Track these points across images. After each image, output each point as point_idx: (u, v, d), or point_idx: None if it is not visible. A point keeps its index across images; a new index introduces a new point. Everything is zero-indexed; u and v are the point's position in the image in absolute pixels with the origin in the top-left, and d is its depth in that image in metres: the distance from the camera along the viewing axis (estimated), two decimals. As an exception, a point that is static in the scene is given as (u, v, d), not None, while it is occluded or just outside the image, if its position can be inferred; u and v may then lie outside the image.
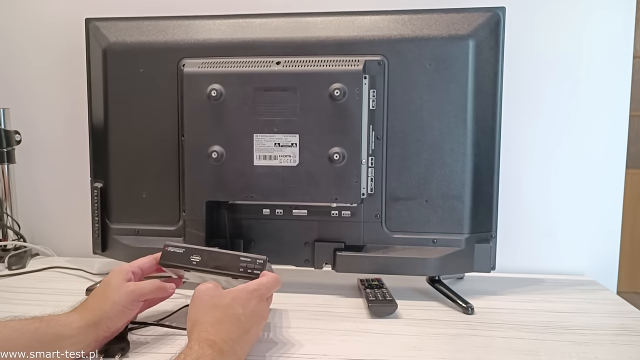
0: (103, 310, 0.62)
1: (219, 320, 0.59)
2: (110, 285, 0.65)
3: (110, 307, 0.62)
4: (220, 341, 0.56)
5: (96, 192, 0.91)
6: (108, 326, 0.62)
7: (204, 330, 0.57)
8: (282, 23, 0.85)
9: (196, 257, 0.71)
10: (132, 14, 0.90)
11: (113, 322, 0.62)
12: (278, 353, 0.64)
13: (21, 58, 1.13)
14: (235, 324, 0.59)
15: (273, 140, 0.82)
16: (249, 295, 0.63)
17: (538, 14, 0.98)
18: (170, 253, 0.72)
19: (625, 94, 0.98)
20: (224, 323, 0.58)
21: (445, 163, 0.82)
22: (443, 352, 0.64)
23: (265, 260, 0.69)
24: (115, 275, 0.67)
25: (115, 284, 0.65)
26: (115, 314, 0.62)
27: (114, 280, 0.66)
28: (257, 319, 0.63)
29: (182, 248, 0.72)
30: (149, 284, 0.67)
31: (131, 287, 0.65)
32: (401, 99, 0.82)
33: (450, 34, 0.81)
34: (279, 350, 0.64)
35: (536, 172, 1.01)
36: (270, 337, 0.69)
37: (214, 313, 0.59)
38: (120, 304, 0.63)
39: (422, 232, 0.84)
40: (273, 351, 0.64)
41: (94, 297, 0.65)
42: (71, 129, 1.11)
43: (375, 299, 0.78)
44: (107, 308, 0.62)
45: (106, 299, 0.63)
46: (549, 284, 0.94)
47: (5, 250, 1.07)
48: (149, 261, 0.72)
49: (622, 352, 0.65)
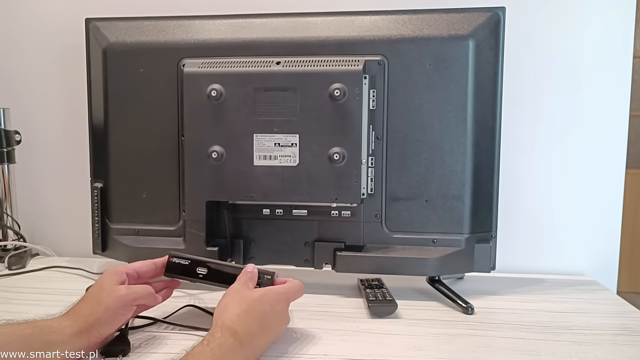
0: (96, 316, 0.60)
1: (244, 312, 0.60)
2: (103, 289, 0.63)
3: (104, 313, 0.61)
4: (241, 332, 0.57)
5: (96, 192, 0.91)
6: (100, 332, 0.60)
7: (228, 319, 0.59)
8: (282, 23, 0.85)
9: (202, 270, 0.71)
10: (132, 14, 0.90)
11: (105, 328, 0.61)
12: (278, 353, 0.63)
13: (21, 58, 1.13)
14: (259, 319, 0.61)
15: (273, 140, 0.82)
16: (278, 296, 0.64)
17: (538, 14, 0.98)
18: (175, 264, 0.72)
19: (625, 94, 0.98)
20: (249, 316, 0.60)
21: (445, 163, 0.82)
22: (443, 352, 0.64)
23: (274, 275, 0.70)
24: (109, 278, 0.65)
25: (109, 288, 0.63)
26: (108, 320, 0.61)
27: (107, 282, 0.64)
28: (280, 320, 0.64)
29: (187, 260, 0.72)
30: (142, 288, 0.66)
31: (123, 291, 0.63)
32: (401, 99, 0.82)
33: (450, 34, 0.81)
34: (279, 350, 0.64)
35: (536, 172, 1.01)
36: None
37: (242, 305, 0.61)
38: (113, 309, 0.61)
39: (422, 232, 0.84)
40: (273, 351, 0.64)
41: (87, 301, 0.63)
42: (71, 129, 1.11)
43: (375, 299, 0.78)
44: (100, 314, 0.61)
45: (99, 303, 0.62)
46: (549, 284, 0.94)
47: (5, 250, 1.07)
48: (146, 265, 0.70)
49: (622, 352, 0.65)
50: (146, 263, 0.70)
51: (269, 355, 0.63)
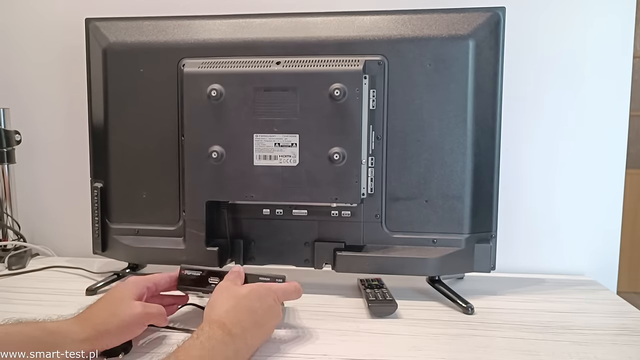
0: (107, 327, 0.60)
1: (232, 307, 0.61)
2: (121, 301, 0.63)
3: (116, 327, 0.60)
4: (229, 324, 0.58)
5: (96, 192, 0.91)
6: (107, 343, 0.60)
7: (216, 314, 0.60)
8: (282, 23, 0.85)
9: (214, 280, 0.72)
10: (132, 14, 0.90)
11: (113, 340, 0.60)
12: (278, 353, 0.63)
13: (21, 58, 1.13)
14: (249, 313, 0.61)
15: (273, 140, 0.82)
16: (267, 291, 0.65)
17: (538, 14, 0.98)
18: (187, 276, 0.73)
19: (625, 94, 0.98)
20: (237, 310, 0.61)
21: (445, 163, 0.82)
22: (443, 352, 0.64)
23: (284, 279, 0.71)
24: (129, 289, 0.65)
25: (127, 301, 0.63)
26: (118, 333, 0.60)
27: (126, 294, 0.64)
28: (271, 315, 0.65)
29: (199, 271, 0.73)
30: (157, 309, 0.65)
31: (139, 309, 0.62)
32: (401, 99, 0.82)
33: (450, 34, 0.81)
34: (279, 350, 0.64)
35: (536, 172, 1.01)
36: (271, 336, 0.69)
37: (230, 301, 0.62)
38: (125, 324, 0.61)
39: (422, 232, 0.84)
40: (273, 351, 0.64)
41: (101, 310, 0.62)
42: (71, 128, 1.11)
43: (375, 299, 0.78)
44: (112, 326, 0.60)
45: (114, 315, 0.61)
46: (549, 284, 0.94)
47: (5, 250, 1.07)
48: (164, 278, 0.71)
49: (622, 352, 0.65)
50: (164, 276, 0.71)
51: (268, 355, 0.63)
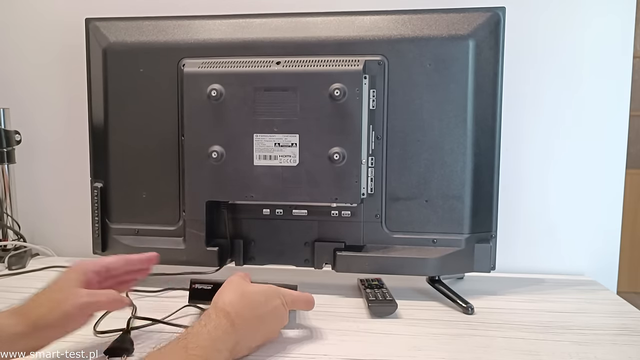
0: (47, 321, 0.55)
1: (238, 299, 0.62)
2: (62, 291, 0.58)
3: (58, 319, 0.55)
4: (233, 313, 0.59)
5: (96, 192, 0.91)
6: (50, 336, 0.56)
7: (222, 301, 0.61)
8: (282, 23, 0.85)
9: None
10: (132, 14, 0.90)
11: (57, 332, 0.56)
12: (278, 353, 0.63)
13: (21, 58, 1.13)
14: (253, 307, 0.62)
15: (273, 140, 0.82)
16: (275, 292, 0.66)
17: (538, 14, 0.98)
18: (198, 290, 0.73)
19: (625, 94, 0.98)
20: (242, 302, 0.62)
21: (445, 163, 0.82)
22: (443, 352, 0.64)
23: (296, 288, 0.71)
24: (70, 278, 0.59)
25: (69, 290, 0.58)
26: (62, 325, 0.56)
27: (67, 284, 0.59)
28: (276, 316, 0.65)
29: (210, 284, 0.73)
30: (105, 295, 0.60)
31: (84, 298, 0.57)
32: (401, 99, 0.82)
33: (450, 34, 0.81)
34: (279, 350, 0.64)
35: (536, 172, 1.01)
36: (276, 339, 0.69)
37: (237, 291, 0.63)
38: (69, 316, 0.56)
39: (422, 232, 0.84)
40: (273, 351, 0.64)
41: (42, 303, 0.57)
42: (71, 128, 1.11)
43: (375, 299, 0.78)
44: (53, 319, 0.55)
45: (55, 307, 0.56)
46: (549, 284, 0.94)
47: (5, 250, 1.07)
48: (116, 261, 0.66)
49: (622, 352, 0.65)
50: (116, 258, 0.66)
51: (269, 354, 0.63)
